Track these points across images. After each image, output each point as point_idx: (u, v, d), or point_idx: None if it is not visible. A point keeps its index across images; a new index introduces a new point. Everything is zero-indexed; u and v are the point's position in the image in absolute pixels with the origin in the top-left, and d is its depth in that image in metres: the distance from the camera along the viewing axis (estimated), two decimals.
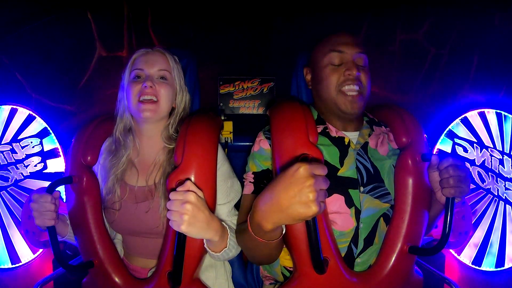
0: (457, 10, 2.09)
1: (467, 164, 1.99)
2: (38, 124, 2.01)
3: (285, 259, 1.11)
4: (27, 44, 2.08)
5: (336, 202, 1.03)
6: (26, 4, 2.02)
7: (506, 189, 1.90)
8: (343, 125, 1.13)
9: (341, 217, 1.03)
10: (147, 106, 1.11)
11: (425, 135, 1.16)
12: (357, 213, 1.04)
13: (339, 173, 1.06)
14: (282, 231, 0.88)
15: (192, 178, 0.99)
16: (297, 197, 0.70)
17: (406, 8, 2.16)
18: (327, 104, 1.12)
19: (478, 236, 1.98)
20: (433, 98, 2.21)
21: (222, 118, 1.64)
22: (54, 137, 2.02)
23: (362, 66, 1.10)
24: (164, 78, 1.16)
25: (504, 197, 1.91)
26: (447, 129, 2.06)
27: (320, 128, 1.13)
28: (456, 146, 2.03)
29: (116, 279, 1.10)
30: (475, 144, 1.98)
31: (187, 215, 0.86)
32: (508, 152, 1.89)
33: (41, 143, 2.01)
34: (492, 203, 1.95)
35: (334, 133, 1.12)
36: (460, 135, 2.02)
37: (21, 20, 2.05)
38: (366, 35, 2.21)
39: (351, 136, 1.12)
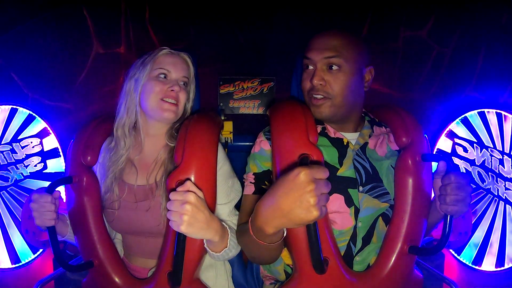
0: (463, 8, 2.06)
1: (467, 166, 1.99)
2: (38, 124, 2.01)
3: (288, 258, 1.11)
4: (22, 43, 2.06)
5: (336, 201, 1.03)
6: (19, 2, 2.00)
7: (506, 189, 1.90)
8: (338, 127, 1.14)
9: (340, 217, 1.03)
10: (171, 107, 1.12)
11: (425, 135, 1.17)
12: (357, 212, 1.04)
13: (339, 173, 1.06)
14: (283, 234, 0.88)
15: (192, 178, 0.99)
16: (298, 202, 0.70)
17: (411, 4, 2.14)
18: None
19: (478, 236, 1.98)
20: (436, 97, 2.19)
21: (222, 118, 1.64)
22: (55, 137, 2.02)
23: (330, 70, 1.06)
24: (185, 84, 1.18)
25: (504, 197, 1.91)
26: (447, 129, 2.06)
27: (319, 128, 1.13)
28: (456, 146, 2.03)
29: (116, 279, 1.10)
30: (475, 144, 1.98)
31: (186, 215, 0.86)
32: (508, 152, 1.89)
33: (41, 143, 2.01)
34: (492, 203, 1.95)
35: (332, 133, 1.12)
36: (460, 135, 2.02)
37: (14, 19, 2.03)
38: (368, 32, 2.19)
39: (351, 137, 1.13)
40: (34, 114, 2.01)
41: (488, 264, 1.95)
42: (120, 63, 2.22)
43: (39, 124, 2.01)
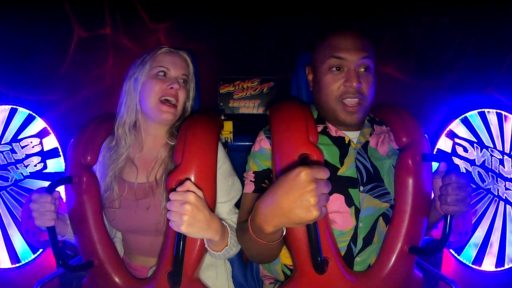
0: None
1: (468, 166, 1.99)
2: (38, 124, 2.01)
3: (285, 257, 1.11)
4: None
5: (336, 201, 1.03)
6: None
7: (506, 189, 1.89)
8: (344, 127, 1.13)
9: (341, 217, 1.03)
10: (169, 109, 1.12)
11: (425, 135, 1.16)
12: (357, 212, 1.04)
13: (339, 173, 1.06)
14: (283, 232, 0.88)
15: (192, 178, 0.99)
16: (298, 202, 0.70)
17: None
18: (326, 111, 1.11)
19: (478, 236, 1.97)
20: (451, 89, 2.08)
21: (222, 118, 1.64)
22: (55, 137, 2.02)
23: (365, 72, 1.05)
24: (185, 82, 1.18)
25: (504, 197, 1.91)
26: (447, 129, 2.06)
27: (320, 127, 1.12)
28: (456, 146, 2.03)
29: (116, 279, 1.10)
30: (475, 144, 1.98)
31: (186, 215, 0.86)
32: (508, 152, 1.89)
33: (41, 143, 2.00)
34: (492, 203, 1.95)
35: (334, 132, 1.12)
36: (460, 135, 2.02)
37: None
38: (383, 12, 2.07)
39: (352, 135, 1.12)
40: (34, 114, 2.00)
41: (488, 264, 1.95)
42: (106, 44, 2.09)
43: (39, 124, 2.01)
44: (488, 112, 1.95)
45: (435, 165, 1.08)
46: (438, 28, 2.07)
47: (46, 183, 1.84)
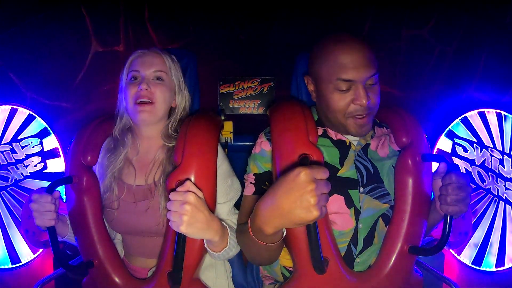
0: (465, 7, 2.04)
1: (467, 166, 1.99)
2: (38, 124, 2.01)
3: (284, 259, 1.11)
4: (20, 42, 2.05)
5: (336, 202, 1.03)
6: (17, 2, 1.99)
7: (506, 189, 1.90)
8: (340, 130, 1.13)
9: (341, 217, 1.03)
10: (143, 108, 1.11)
11: (425, 135, 1.17)
12: (357, 213, 1.04)
13: (339, 174, 1.06)
14: (283, 234, 0.88)
15: (192, 178, 0.99)
16: (298, 202, 0.69)
17: (412, 3, 2.11)
18: (334, 124, 1.09)
19: (478, 236, 1.98)
20: (437, 96, 2.17)
21: (222, 118, 1.64)
22: (55, 137, 2.02)
23: (372, 85, 1.02)
24: (160, 78, 1.15)
25: (504, 197, 1.91)
26: (447, 129, 2.06)
27: (320, 131, 1.12)
28: (456, 146, 2.03)
29: (116, 279, 1.10)
30: (475, 144, 1.98)
31: (186, 215, 0.86)
32: (508, 152, 1.89)
33: (41, 143, 2.01)
34: (492, 203, 1.95)
35: (334, 136, 1.12)
36: (460, 135, 2.02)
37: (12, 18, 2.02)
38: (370, 29, 2.17)
39: (352, 138, 1.12)
40: (34, 114, 2.01)
41: (488, 264, 1.95)
42: (119, 61, 2.20)
43: (39, 124, 2.01)
44: (488, 112, 1.96)
45: (435, 165, 1.08)
46: (418, 40, 2.17)
47: (46, 183, 1.84)
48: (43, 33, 2.07)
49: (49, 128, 2.01)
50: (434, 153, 2.05)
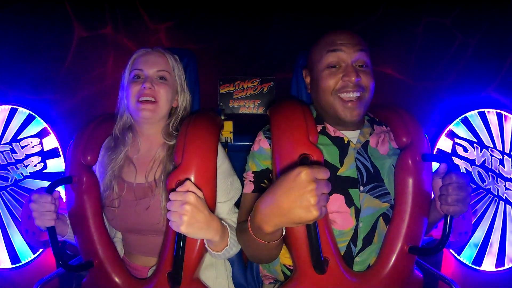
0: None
1: (468, 166, 1.99)
2: (38, 124, 2.01)
3: (285, 258, 1.11)
4: None
5: (336, 201, 1.03)
6: None
7: (506, 189, 1.89)
8: (343, 127, 1.13)
9: (341, 217, 1.03)
10: (146, 106, 1.11)
11: (425, 135, 1.16)
12: (357, 212, 1.04)
13: (339, 173, 1.06)
14: (282, 232, 0.88)
15: (192, 178, 0.99)
16: (298, 202, 0.70)
17: None
18: (325, 109, 1.11)
19: (478, 236, 1.97)
20: (452, 89, 2.08)
21: (222, 118, 1.64)
22: (55, 137, 2.02)
23: (363, 67, 1.05)
24: (163, 78, 1.16)
25: (504, 197, 1.91)
26: (447, 129, 2.05)
27: (319, 127, 1.12)
28: (456, 146, 2.03)
29: (116, 279, 1.10)
30: (475, 144, 1.98)
31: (186, 216, 0.87)
32: (508, 152, 1.89)
33: (41, 143, 2.00)
34: (492, 203, 1.95)
35: (332, 133, 1.12)
36: (460, 135, 2.02)
37: None
38: (384, 12, 2.07)
39: (351, 135, 1.12)
40: (34, 114, 2.00)
41: (488, 264, 1.95)
42: (107, 44, 2.08)
43: (39, 124, 2.01)
44: (488, 112, 1.95)
45: (435, 165, 1.08)
46: (439, 28, 2.06)
47: (46, 183, 1.84)
48: (20, 24, 1.94)
49: (49, 128, 2.01)
50: (434, 153, 2.05)
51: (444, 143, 2.07)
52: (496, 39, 1.97)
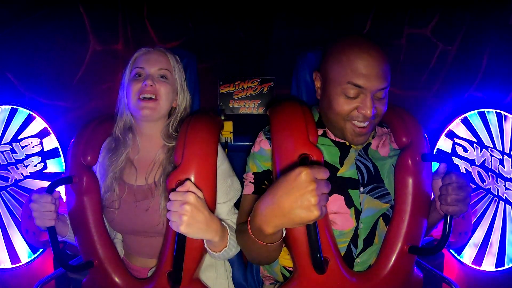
0: (469, 6, 2.03)
1: (467, 166, 1.99)
2: (38, 124, 2.01)
3: (284, 259, 1.11)
4: (17, 42, 2.02)
5: (336, 202, 1.03)
6: (13, 1, 1.96)
7: (506, 189, 1.89)
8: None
9: (341, 217, 1.03)
10: (147, 104, 1.11)
11: (425, 135, 1.16)
12: (357, 213, 1.04)
13: (339, 173, 1.06)
14: (283, 233, 0.88)
15: (192, 178, 0.99)
16: (298, 202, 0.70)
17: (415, 1, 2.09)
18: (333, 125, 1.07)
19: (478, 236, 1.97)
20: (438, 95, 2.16)
21: (222, 118, 1.64)
22: (55, 137, 2.02)
23: (381, 98, 1.01)
24: (164, 77, 1.17)
25: (504, 197, 1.91)
26: (447, 129, 2.06)
27: (320, 131, 1.12)
28: (456, 146, 2.03)
29: (116, 279, 1.10)
30: (475, 144, 1.98)
31: (186, 216, 0.87)
32: (508, 152, 1.89)
33: (41, 143, 2.00)
34: (492, 203, 1.95)
35: (333, 137, 1.11)
36: (460, 135, 2.02)
37: (8, 17, 1.99)
38: (371, 27, 2.16)
39: None
40: (34, 114, 2.00)
41: (488, 264, 1.95)
42: (118, 59, 2.18)
43: (39, 124, 2.01)
44: (488, 112, 1.95)
45: (435, 165, 1.08)
46: (420, 38, 2.16)
47: (46, 183, 1.84)
48: (41, 32, 2.04)
49: (49, 128, 2.01)
50: (434, 153, 2.05)
51: (444, 143, 2.07)
52: (472, 44, 2.09)
